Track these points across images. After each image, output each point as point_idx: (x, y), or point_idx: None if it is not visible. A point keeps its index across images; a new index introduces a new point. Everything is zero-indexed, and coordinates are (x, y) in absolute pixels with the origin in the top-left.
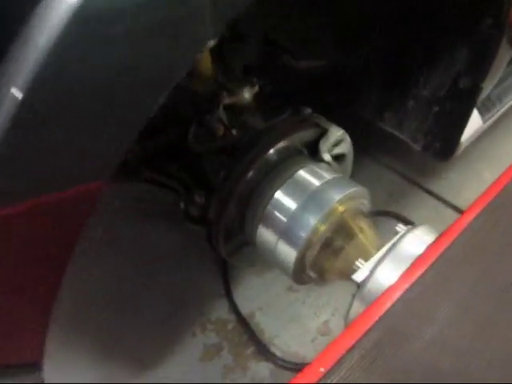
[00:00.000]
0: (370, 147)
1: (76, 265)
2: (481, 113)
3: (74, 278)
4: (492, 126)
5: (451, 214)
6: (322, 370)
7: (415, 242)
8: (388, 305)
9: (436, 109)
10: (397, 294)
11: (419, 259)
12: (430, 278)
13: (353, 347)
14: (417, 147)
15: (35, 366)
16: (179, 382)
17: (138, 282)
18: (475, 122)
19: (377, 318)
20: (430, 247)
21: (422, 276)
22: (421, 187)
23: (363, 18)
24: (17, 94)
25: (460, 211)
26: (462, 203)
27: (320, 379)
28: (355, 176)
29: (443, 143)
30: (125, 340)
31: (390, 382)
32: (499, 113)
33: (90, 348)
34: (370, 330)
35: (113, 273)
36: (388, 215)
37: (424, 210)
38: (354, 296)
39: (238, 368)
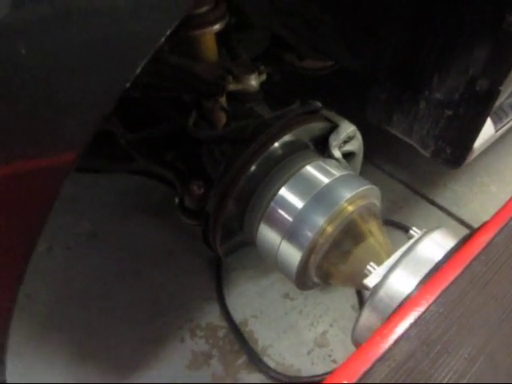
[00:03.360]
0: (374, 155)
1: (58, 260)
2: (493, 121)
3: (56, 274)
4: (498, 139)
5: (455, 226)
6: (346, 382)
7: (433, 246)
8: (421, 310)
9: (449, 113)
10: (429, 299)
11: (451, 261)
12: (466, 281)
13: (382, 358)
14: (426, 153)
15: None
16: None
17: (123, 281)
18: (488, 131)
19: (408, 325)
20: (462, 249)
21: (456, 279)
22: (425, 197)
23: (376, 16)
24: None
25: (464, 224)
26: (467, 216)
27: None
28: None
29: (454, 149)
30: (105, 342)
31: None
32: (511, 123)
33: (67, 349)
34: (401, 338)
35: (97, 270)
36: (390, 225)
37: (427, 220)
38: (361, 305)
39: (228, 378)
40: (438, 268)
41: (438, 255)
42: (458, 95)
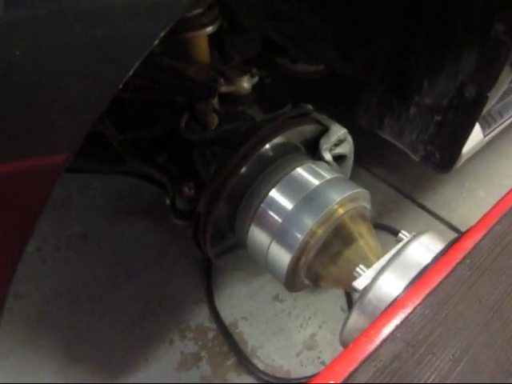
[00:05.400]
0: (365, 158)
1: (48, 261)
2: (482, 127)
3: (46, 275)
4: (486, 144)
5: (444, 230)
6: (333, 382)
7: (421, 250)
8: (407, 312)
9: (438, 118)
10: (415, 301)
11: (437, 265)
12: (450, 284)
13: (368, 359)
14: (416, 158)
15: None
16: None
17: (114, 283)
18: (476, 136)
19: (394, 327)
20: (448, 253)
21: (441, 283)
22: (414, 201)
23: (369, 22)
24: None
25: (453, 227)
26: (455, 220)
27: None
28: None
29: (444, 154)
30: (95, 344)
31: None
32: (499, 128)
33: (56, 350)
34: (387, 339)
35: (87, 271)
36: (380, 228)
37: (417, 224)
38: (350, 307)
39: (217, 380)
40: (425, 271)
41: (426, 259)
42: (448, 101)
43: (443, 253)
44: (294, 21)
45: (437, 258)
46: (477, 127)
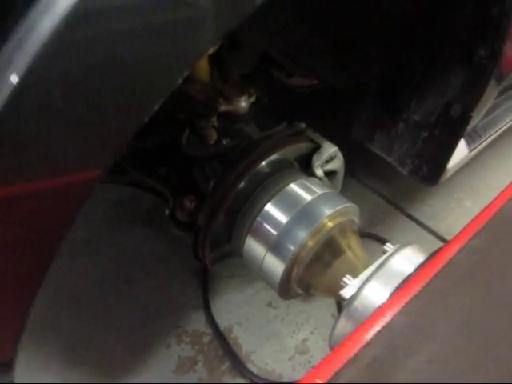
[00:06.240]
0: (356, 170)
1: (51, 266)
2: (467, 142)
3: (48, 280)
4: (472, 158)
5: (432, 240)
6: (319, 381)
7: (404, 261)
8: (386, 319)
9: (425, 134)
10: (394, 310)
11: (416, 276)
12: (427, 294)
13: (351, 360)
14: (404, 171)
15: (7, 365)
16: None
17: (113, 288)
18: (462, 151)
19: (375, 333)
20: (427, 265)
21: (419, 293)
22: (403, 212)
23: (362, 41)
24: (13, 79)
25: (440, 237)
26: (442, 229)
27: None
28: None
29: (430, 168)
30: (96, 347)
31: None
32: (484, 143)
33: (58, 354)
34: (368, 343)
35: (88, 277)
36: (370, 237)
37: (405, 234)
38: (339, 314)
39: (213, 383)
40: (406, 282)
41: (408, 269)
42: (434, 118)
43: (423, 265)
44: (291, 37)
45: (418, 269)
46: (462, 143)
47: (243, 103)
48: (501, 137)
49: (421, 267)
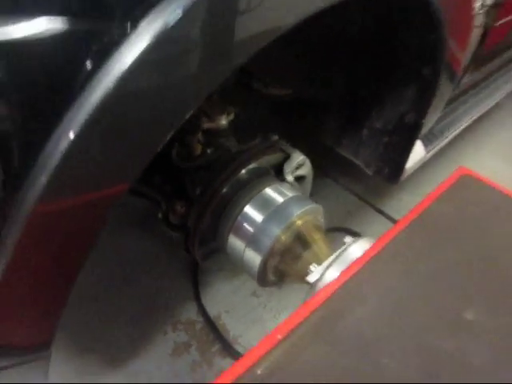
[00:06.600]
0: (331, 170)
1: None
2: (425, 145)
3: None
4: (439, 155)
5: None
6: (279, 337)
7: (358, 250)
8: (330, 292)
9: (386, 139)
10: (337, 284)
11: (357, 260)
12: (364, 273)
13: (303, 321)
14: (369, 172)
15: (47, 344)
16: (152, 374)
17: (113, 285)
18: (419, 153)
19: (322, 301)
20: (367, 251)
21: (358, 272)
22: (374, 207)
23: (326, 61)
24: (71, 135)
25: None
26: None
27: (277, 344)
28: (318, 195)
29: (391, 169)
30: (100, 336)
31: (330, 345)
32: (441, 145)
33: (65, 342)
34: (316, 309)
35: (89, 275)
36: (343, 231)
37: (376, 227)
38: (306, 294)
39: (205, 363)
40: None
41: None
42: (392, 126)
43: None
44: (271, 56)
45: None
46: (420, 146)
47: (223, 121)
48: (464, 134)
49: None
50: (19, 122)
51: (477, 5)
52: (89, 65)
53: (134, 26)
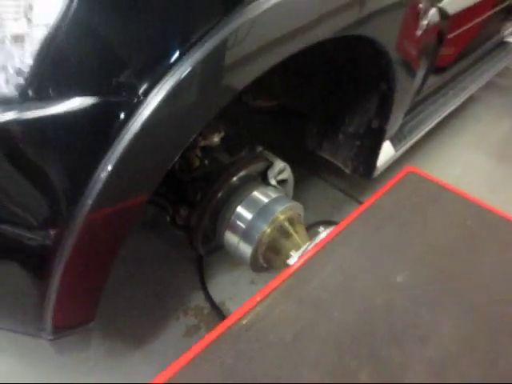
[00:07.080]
0: (319, 169)
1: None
2: (393, 144)
3: None
4: (416, 149)
5: None
6: (258, 298)
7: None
8: (298, 265)
9: (358, 142)
10: (304, 260)
11: (319, 242)
12: (324, 251)
13: (277, 286)
14: (347, 171)
15: (91, 321)
16: (167, 353)
17: (131, 279)
18: (389, 152)
19: (292, 272)
20: (327, 235)
21: (319, 250)
22: (358, 202)
23: (303, 75)
24: (109, 167)
25: None
26: None
27: (256, 305)
28: (306, 192)
29: (364, 168)
30: (122, 324)
31: (296, 303)
32: (409, 144)
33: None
34: (287, 277)
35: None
36: (330, 224)
37: None
38: None
39: None
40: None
41: None
42: (362, 131)
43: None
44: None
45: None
46: (389, 145)
47: (216, 138)
48: (440, 127)
49: None
50: (76, 163)
51: (422, 28)
52: (116, 123)
53: (145, 95)
